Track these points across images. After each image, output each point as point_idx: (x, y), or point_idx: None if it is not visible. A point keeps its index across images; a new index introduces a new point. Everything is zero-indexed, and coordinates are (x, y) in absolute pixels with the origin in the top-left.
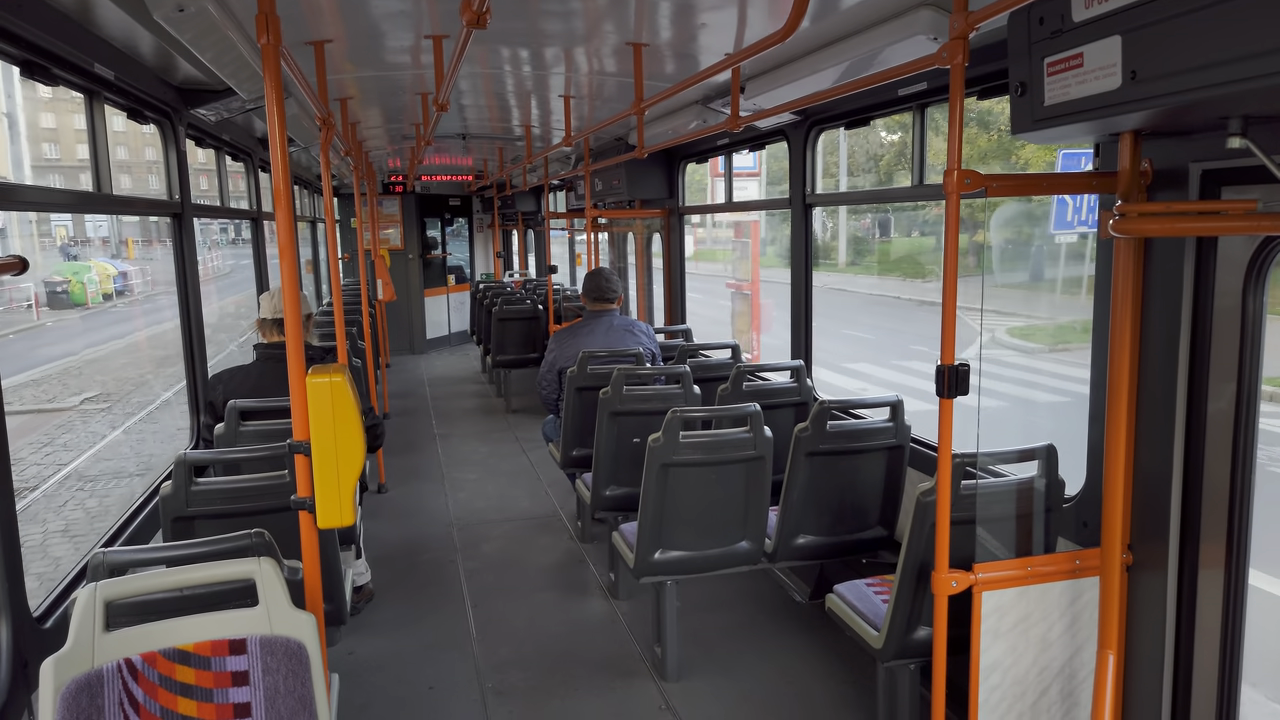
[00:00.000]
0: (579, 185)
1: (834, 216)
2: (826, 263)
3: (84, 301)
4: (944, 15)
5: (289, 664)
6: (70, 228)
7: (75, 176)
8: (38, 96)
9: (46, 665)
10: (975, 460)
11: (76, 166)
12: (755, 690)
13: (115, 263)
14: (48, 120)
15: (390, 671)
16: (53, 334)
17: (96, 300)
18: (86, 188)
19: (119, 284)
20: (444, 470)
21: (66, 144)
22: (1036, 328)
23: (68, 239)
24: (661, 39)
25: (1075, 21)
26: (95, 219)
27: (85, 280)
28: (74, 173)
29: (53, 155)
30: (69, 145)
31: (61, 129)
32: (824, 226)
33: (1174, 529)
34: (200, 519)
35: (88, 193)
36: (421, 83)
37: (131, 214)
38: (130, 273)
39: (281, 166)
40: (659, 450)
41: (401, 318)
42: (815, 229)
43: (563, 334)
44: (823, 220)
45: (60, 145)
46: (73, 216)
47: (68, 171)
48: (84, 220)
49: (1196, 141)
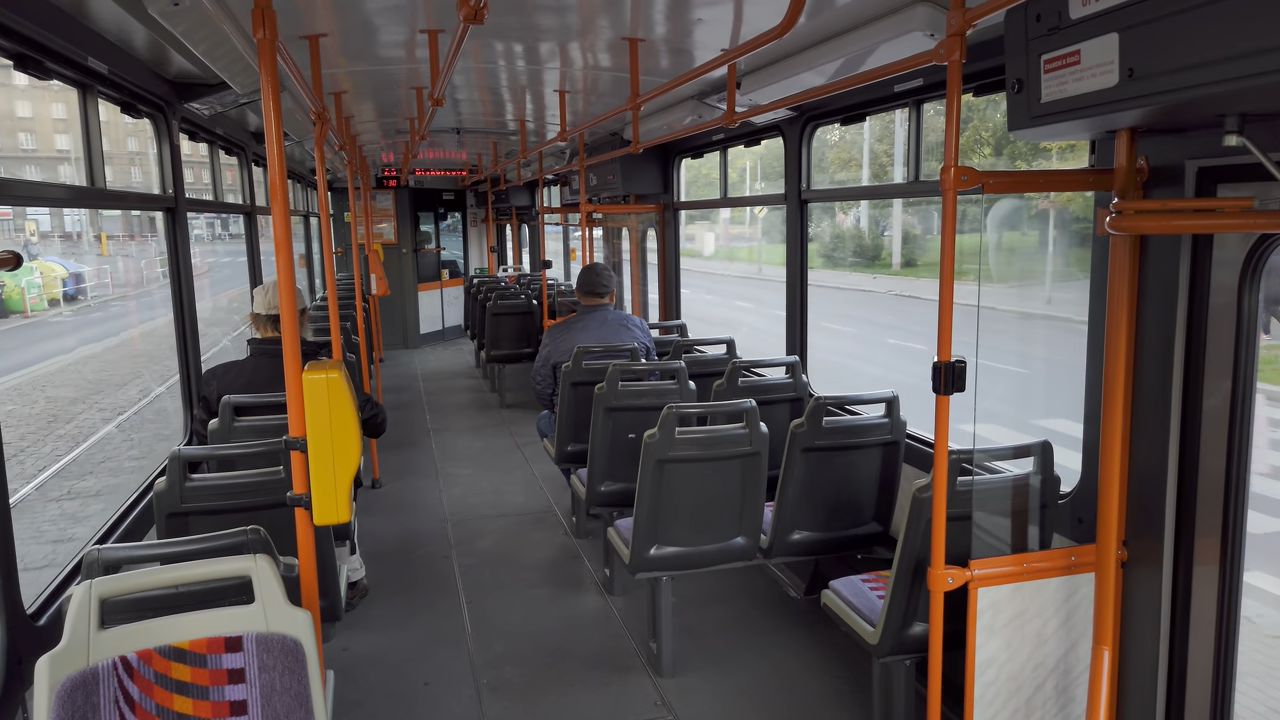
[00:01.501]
0: (574, 180)
1: (886, 211)
2: (877, 264)
3: (22, 309)
4: (941, 12)
5: (285, 661)
6: (46, 221)
7: (54, 168)
8: (12, 84)
9: (41, 663)
10: (971, 456)
11: (55, 157)
12: (750, 686)
13: (66, 263)
14: (23, 109)
15: (385, 667)
16: None
17: (40, 307)
18: (79, 181)
19: (70, 287)
20: (438, 465)
21: (44, 134)
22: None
23: (36, 233)
24: (657, 34)
25: (1072, 18)
26: (74, 212)
27: (25, 284)
28: (52, 164)
29: (29, 145)
30: (46, 135)
31: (39, 118)
32: (875, 221)
33: (1169, 525)
34: (194, 515)
35: (82, 187)
36: (416, 77)
37: (125, 208)
38: (85, 274)
39: (278, 161)
40: (654, 446)
41: (395, 312)
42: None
43: (557, 328)
44: (871, 216)
45: (37, 135)
46: (51, 210)
47: (44, 163)
48: (62, 214)
49: (1193, 139)
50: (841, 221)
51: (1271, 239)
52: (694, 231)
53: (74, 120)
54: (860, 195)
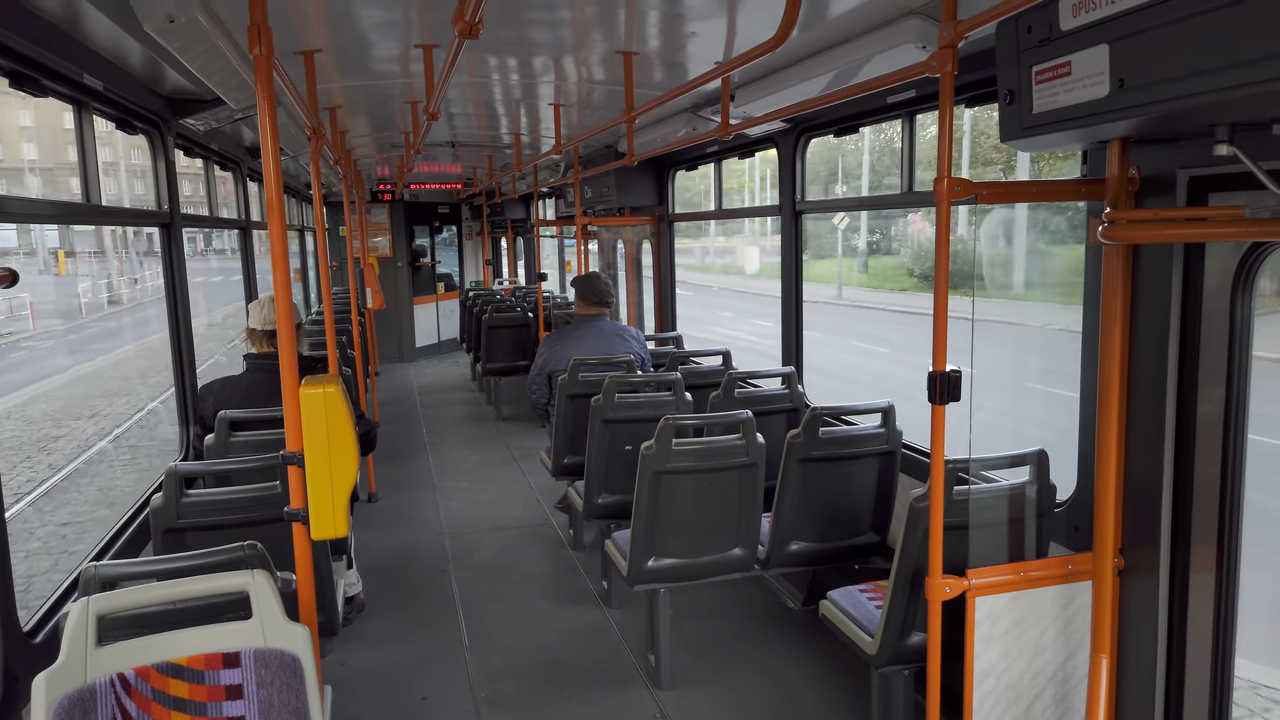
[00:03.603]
0: (569, 192)
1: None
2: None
3: None
4: (933, 24)
5: (283, 677)
6: (13, 236)
7: (20, 179)
8: None
9: (39, 681)
10: (968, 466)
11: (20, 169)
12: (749, 697)
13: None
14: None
15: (383, 682)
16: None
17: None
18: (70, 197)
19: None
20: (435, 479)
21: (10, 143)
22: None
23: None
24: (651, 48)
25: (1063, 30)
26: (43, 226)
27: None
28: (18, 175)
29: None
30: (13, 145)
31: (5, 128)
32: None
33: (1165, 533)
34: (191, 531)
35: (76, 203)
36: (411, 91)
37: (121, 224)
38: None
39: (274, 176)
40: (651, 458)
41: (391, 326)
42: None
43: (553, 338)
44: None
45: (4, 145)
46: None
47: (11, 174)
48: (30, 228)
49: (1184, 148)
50: (919, 231)
51: (1263, 247)
52: (733, 245)
53: (58, 132)
54: (854, 206)
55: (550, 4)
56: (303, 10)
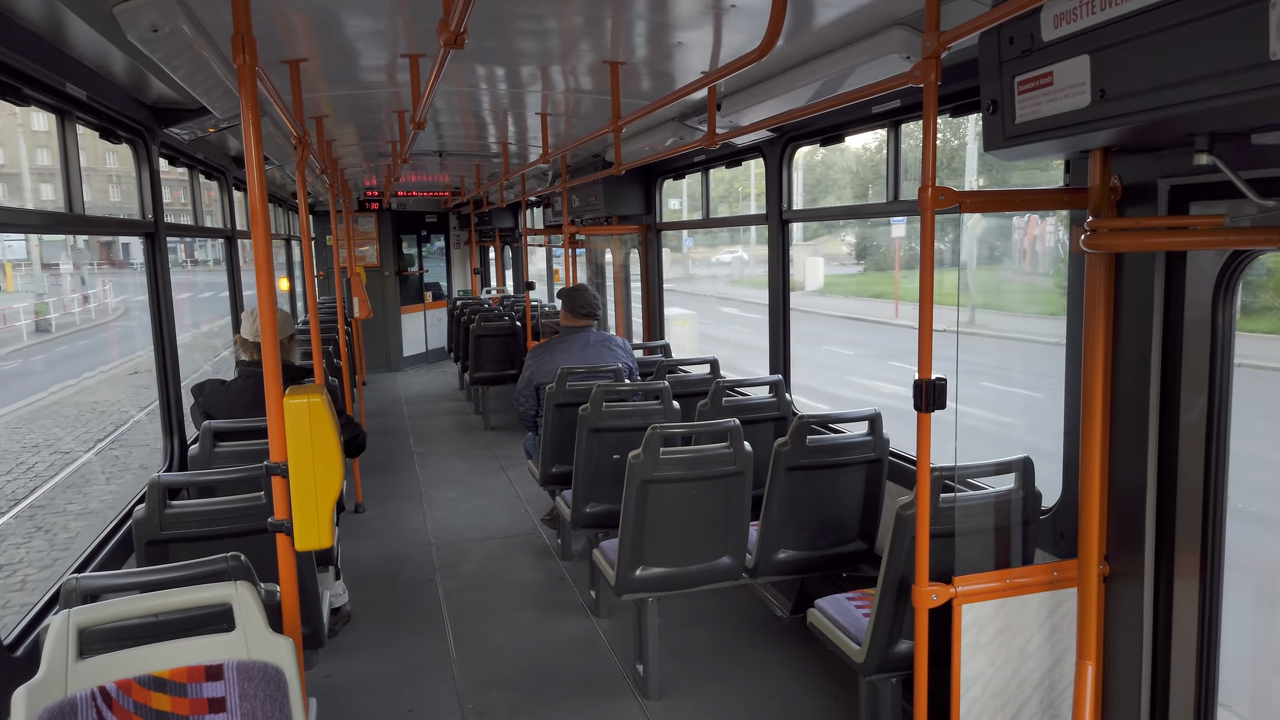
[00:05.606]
0: (556, 201)
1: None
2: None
3: None
4: (916, 35)
5: (267, 689)
6: None
7: None
8: None
9: (18, 695)
10: (954, 474)
11: None
12: (737, 706)
13: None
14: None
15: (369, 694)
16: None
17: None
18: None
19: None
20: (422, 489)
21: None
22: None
23: None
24: (638, 58)
25: (1045, 41)
26: (8, 238)
27: None
28: None
29: None
30: None
31: None
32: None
33: (1149, 539)
34: (174, 542)
35: (59, 213)
36: (397, 101)
37: (104, 234)
38: None
39: (258, 186)
40: (639, 467)
41: (378, 335)
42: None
43: (540, 349)
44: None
45: None
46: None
47: None
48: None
49: (1165, 158)
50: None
51: (1244, 255)
52: (794, 255)
53: (51, 144)
54: (840, 215)
55: (537, 14)
56: (288, 20)
